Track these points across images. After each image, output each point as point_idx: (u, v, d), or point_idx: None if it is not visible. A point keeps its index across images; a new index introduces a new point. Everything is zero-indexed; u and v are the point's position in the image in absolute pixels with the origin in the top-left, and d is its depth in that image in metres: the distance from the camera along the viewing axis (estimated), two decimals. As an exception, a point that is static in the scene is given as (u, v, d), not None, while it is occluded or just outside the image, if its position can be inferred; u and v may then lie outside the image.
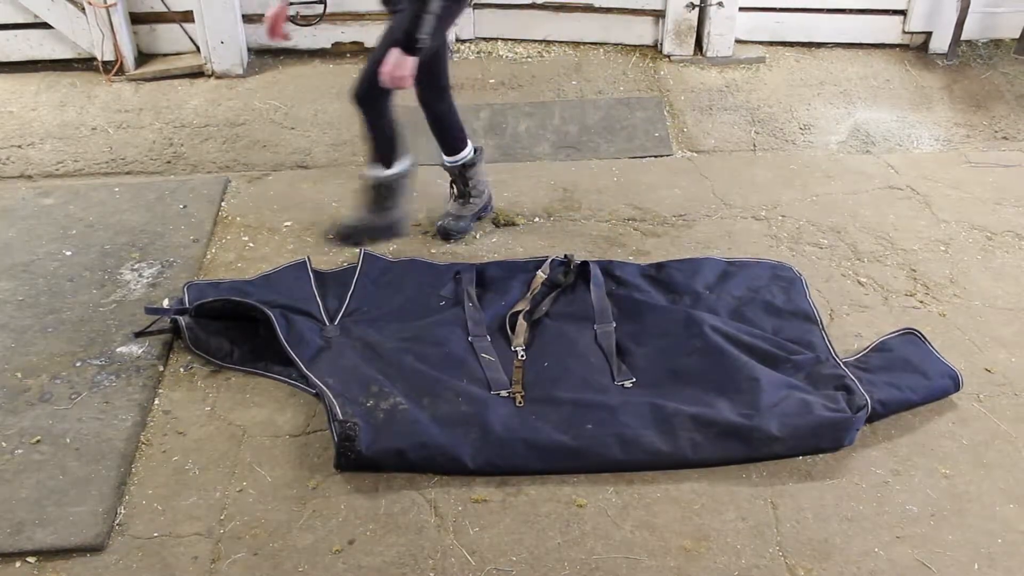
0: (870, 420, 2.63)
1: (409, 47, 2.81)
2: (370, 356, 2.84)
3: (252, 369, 2.84)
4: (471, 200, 3.46)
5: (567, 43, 4.80)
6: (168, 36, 4.63)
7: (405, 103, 3.13)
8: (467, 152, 3.38)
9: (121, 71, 4.49)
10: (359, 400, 2.64)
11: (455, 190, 3.47)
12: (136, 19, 4.54)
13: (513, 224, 3.53)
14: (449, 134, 3.35)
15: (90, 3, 4.31)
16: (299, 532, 2.34)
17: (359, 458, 2.48)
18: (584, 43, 4.79)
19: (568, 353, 2.86)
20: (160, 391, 2.77)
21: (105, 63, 4.48)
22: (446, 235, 3.43)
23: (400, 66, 2.83)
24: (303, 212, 3.61)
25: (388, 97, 3.03)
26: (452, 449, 2.50)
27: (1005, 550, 2.30)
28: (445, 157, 3.39)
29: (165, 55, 4.65)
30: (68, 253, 3.33)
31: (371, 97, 3.03)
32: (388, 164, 3.18)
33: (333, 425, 2.55)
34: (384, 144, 3.15)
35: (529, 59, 4.70)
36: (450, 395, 2.68)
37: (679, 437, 2.53)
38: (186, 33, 4.59)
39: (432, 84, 3.20)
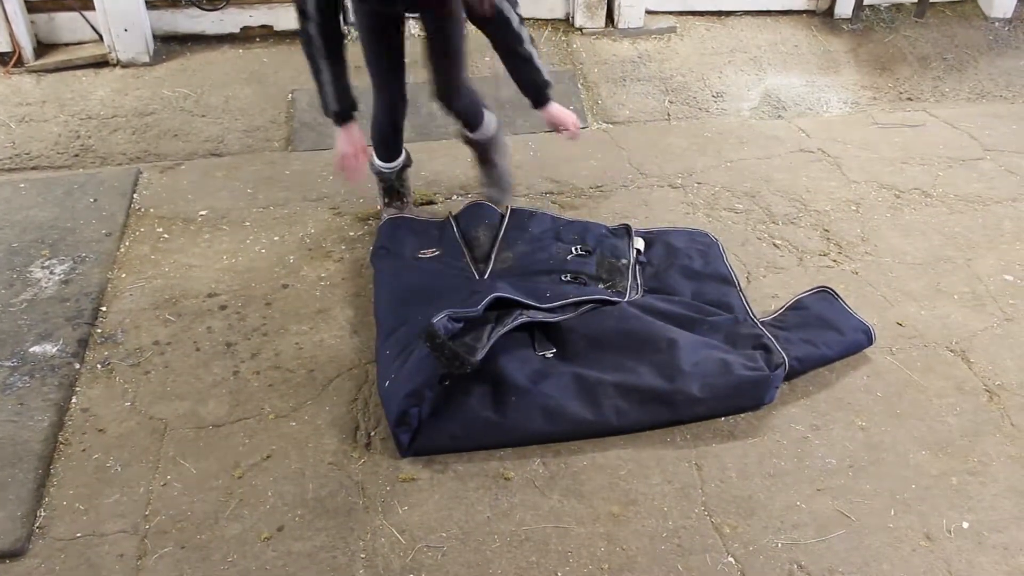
0: (788, 377, 2.69)
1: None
2: None
3: None
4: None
5: (480, 19, 4.77)
6: (68, 25, 4.47)
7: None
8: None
9: (20, 63, 4.33)
10: None
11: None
12: (32, 7, 4.37)
13: (431, 203, 3.52)
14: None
15: (-18, -8, 4.15)
16: (227, 522, 2.31)
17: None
18: (497, 19, 4.77)
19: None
20: (77, 389, 2.70)
21: (2, 55, 4.32)
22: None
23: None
24: (218, 200, 3.54)
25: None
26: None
27: (919, 495, 2.39)
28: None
29: (66, 45, 4.49)
30: (-27, 253, 3.22)
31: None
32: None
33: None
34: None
35: (442, 37, 4.67)
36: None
37: (603, 405, 2.55)
38: (87, 21, 4.44)
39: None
